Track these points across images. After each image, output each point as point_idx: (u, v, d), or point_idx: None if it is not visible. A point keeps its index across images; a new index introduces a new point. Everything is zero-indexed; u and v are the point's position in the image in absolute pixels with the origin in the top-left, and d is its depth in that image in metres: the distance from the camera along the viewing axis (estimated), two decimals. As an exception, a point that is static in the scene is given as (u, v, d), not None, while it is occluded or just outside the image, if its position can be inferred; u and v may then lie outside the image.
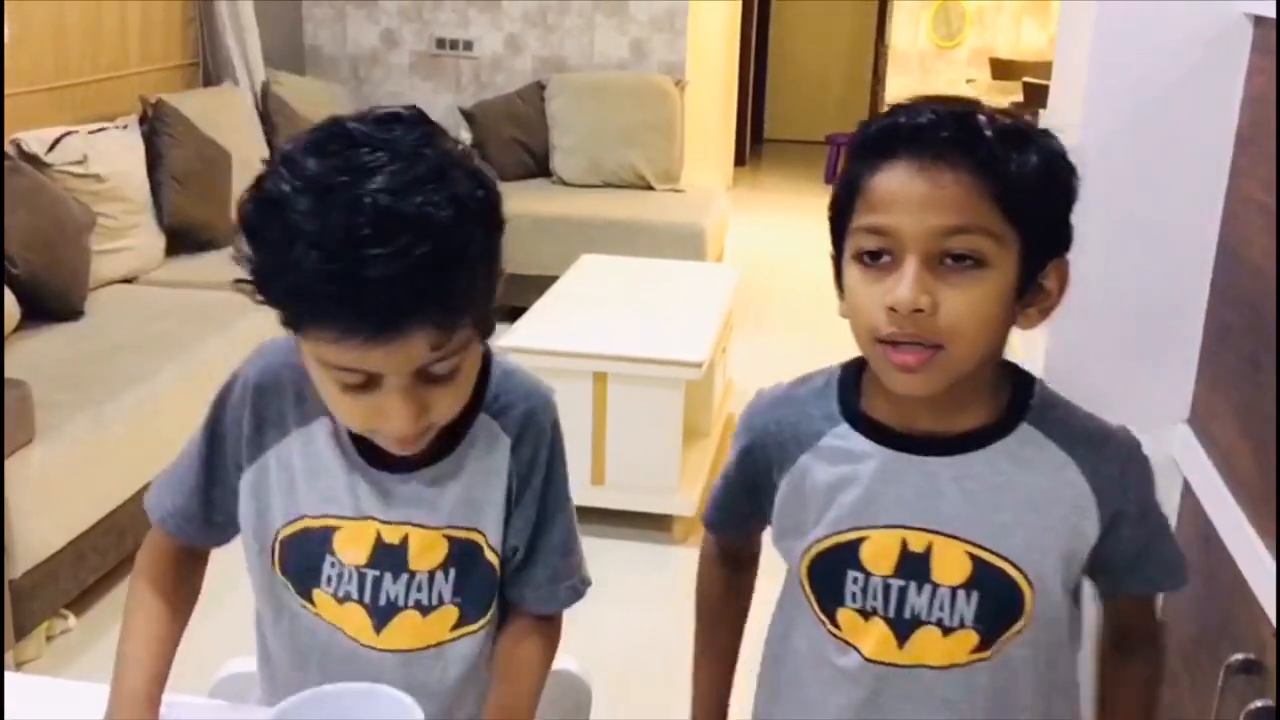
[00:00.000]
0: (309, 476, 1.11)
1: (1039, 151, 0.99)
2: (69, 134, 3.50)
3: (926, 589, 1.06)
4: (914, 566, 1.06)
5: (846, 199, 1.02)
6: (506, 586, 1.17)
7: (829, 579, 1.09)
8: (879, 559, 1.07)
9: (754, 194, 7.93)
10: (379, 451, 1.08)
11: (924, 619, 1.06)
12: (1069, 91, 1.74)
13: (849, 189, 1.01)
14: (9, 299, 3.01)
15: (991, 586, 1.05)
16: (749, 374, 3.88)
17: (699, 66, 5.94)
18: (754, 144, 9.53)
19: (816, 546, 1.10)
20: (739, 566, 1.30)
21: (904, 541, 1.06)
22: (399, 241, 0.87)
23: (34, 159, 3.33)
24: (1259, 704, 1.27)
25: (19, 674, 1.24)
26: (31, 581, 2.46)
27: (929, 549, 1.05)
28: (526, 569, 1.17)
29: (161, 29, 4.53)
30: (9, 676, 1.17)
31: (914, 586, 1.06)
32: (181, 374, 3.04)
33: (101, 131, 3.69)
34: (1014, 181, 0.96)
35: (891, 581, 1.06)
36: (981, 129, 0.97)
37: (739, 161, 8.52)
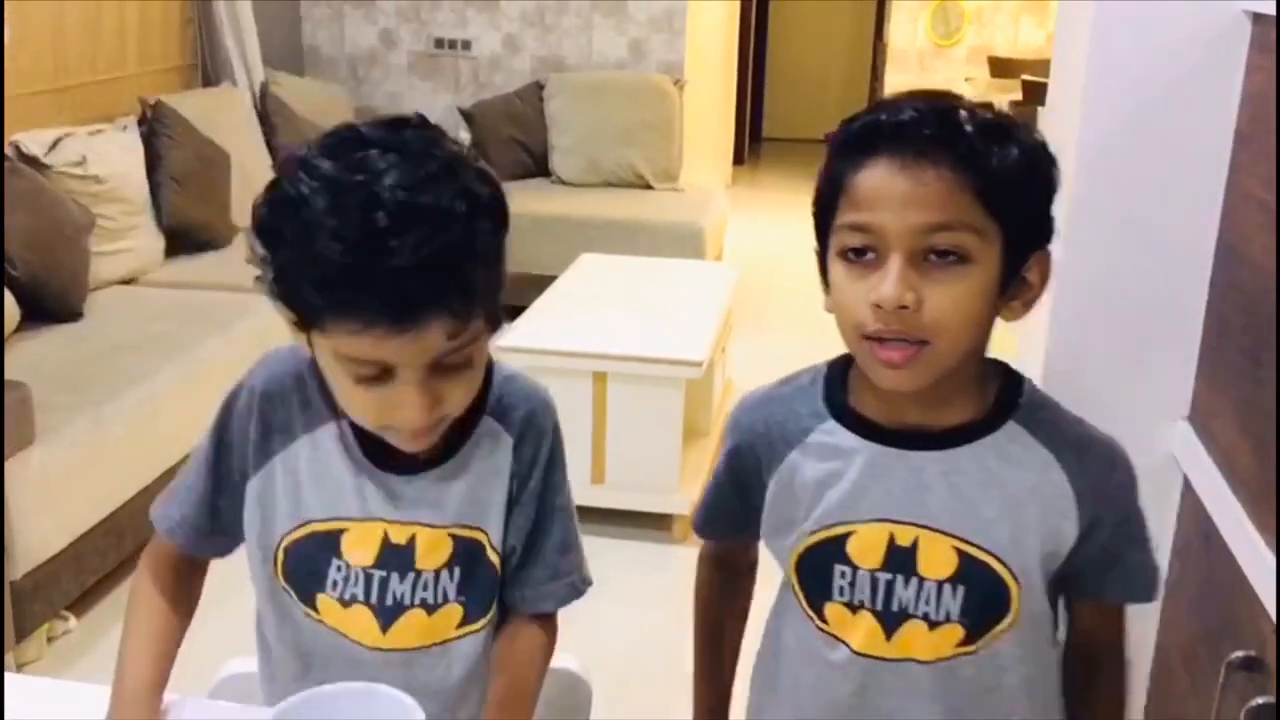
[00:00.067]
0: (315, 481, 1.12)
1: (1019, 145, 0.99)
2: (68, 135, 3.50)
3: (913, 582, 1.06)
4: (901, 560, 1.07)
5: (830, 196, 1.03)
6: (506, 586, 1.18)
7: (817, 573, 1.10)
8: (866, 553, 1.07)
9: (753, 193, 7.93)
10: (386, 454, 1.10)
11: (911, 612, 1.07)
12: (1067, 89, 1.74)
13: (832, 186, 1.02)
14: (8, 300, 3.01)
15: (977, 581, 1.05)
16: (748, 373, 3.88)
17: (697, 66, 5.93)
18: (753, 143, 9.53)
19: (805, 541, 1.11)
20: (736, 572, 1.30)
21: (891, 535, 1.07)
22: (417, 233, 0.91)
23: (33, 160, 3.33)
24: (1260, 701, 1.27)
25: (20, 675, 1.25)
26: (32, 583, 2.46)
27: (916, 543, 1.06)
28: (525, 567, 1.18)
29: (160, 30, 4.53)
30: (9, 678, 1.17)
31: (901, 580, 1.07)
32: (181, 375, 3.04)
33: (100, 133, 3.69)
34: (995, 176, 0.97)
35: (879, 575, 1.07)
36: (962, 125, 0.98)
37: (738, 161, 8.52)
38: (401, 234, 0.91)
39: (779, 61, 9.94)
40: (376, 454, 1.11)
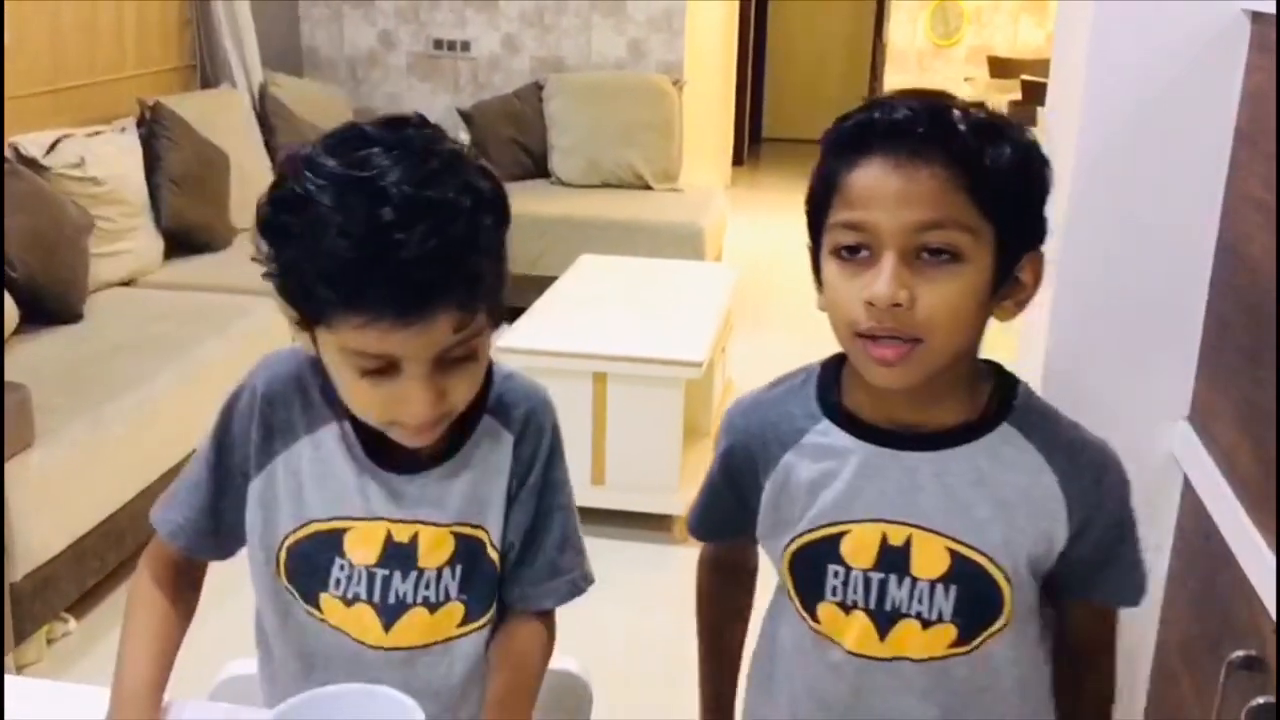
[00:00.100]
0: (318, 481, 1.13)
1: (1012, 144, 1.00)
2: (66, 137, 3.50)
3: (906, 582, 1.07)
4: (894, 560, 1.07)
5: (823, 194, 1.03)
6: (505, 583, 1.18)
7: (810, 573, 1.10)
8: (859, 552, 1.08)
9: (752, 193, 7.93)
10: (388, 453, 1.11)
11: (904, 612, 1.07)
12: (1067, 89, 1.74)
13: (826, 184, 1.03)
14: (8, 302, 3.01)
15: (969, 581, 1.06)
16: (748, 373, 3.87)
17: (697, 66, 5.93)
18: (752, 143, 9.53)
19: (798, 541, 1.11)
20: (735, 575, 1.30)
21: (884, 535, 1.07)
22: (423, 226, 0.93)
23: (32, 162, 3.33)
24: (1260, 700, 1.27)
25: (19, 677, 1.25)
26: (31, 585, 2.46)
27: (908, 542, 1.06)
28: (524, 565, 1.18)
29: (158, 31, 4.53)
30: (9, 680, 1.17)
31: (894, 580, 1.07)
32: (181, 376, 3.04)
33: (99, 134, 3.69)
34: (988, 175, 0.97)
35: (872, 575, 1.07)
36: (956, 123, 0.98)
37: (737, 161, 8.52)
38: (408, 227, 0.92)
39: (779, 61, 9.94)
40: (379, 453, 1.12)
